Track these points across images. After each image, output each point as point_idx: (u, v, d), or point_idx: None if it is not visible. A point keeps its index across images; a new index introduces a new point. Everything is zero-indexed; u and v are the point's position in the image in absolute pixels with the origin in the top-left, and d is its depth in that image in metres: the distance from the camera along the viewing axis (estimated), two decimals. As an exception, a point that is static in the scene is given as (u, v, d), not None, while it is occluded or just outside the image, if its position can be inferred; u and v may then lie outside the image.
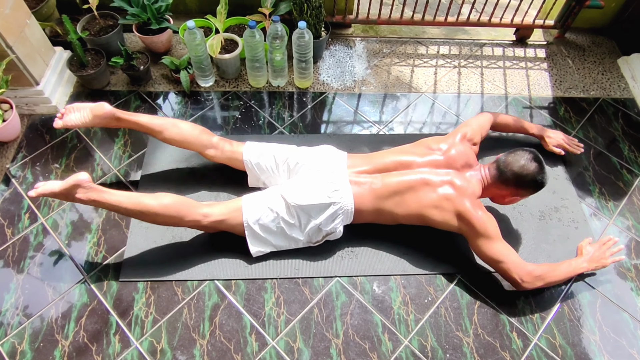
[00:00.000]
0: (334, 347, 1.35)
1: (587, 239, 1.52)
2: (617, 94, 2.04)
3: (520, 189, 1.40)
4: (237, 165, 1.56)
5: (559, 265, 1.43)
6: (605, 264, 1.45)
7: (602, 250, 1.48)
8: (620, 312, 1.45)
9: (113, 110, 1.50)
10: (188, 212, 1.36)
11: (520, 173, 1.36)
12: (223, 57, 1.85)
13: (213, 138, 1.54)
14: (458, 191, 1.38)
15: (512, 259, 1.35)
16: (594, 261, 1.45)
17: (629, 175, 1.77)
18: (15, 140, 1.75)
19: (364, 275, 1.48)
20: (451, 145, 1.48)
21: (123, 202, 1.31)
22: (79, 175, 1.29)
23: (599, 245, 1.49)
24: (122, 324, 1.36)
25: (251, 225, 1.40)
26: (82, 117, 1.50)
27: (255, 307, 1.41)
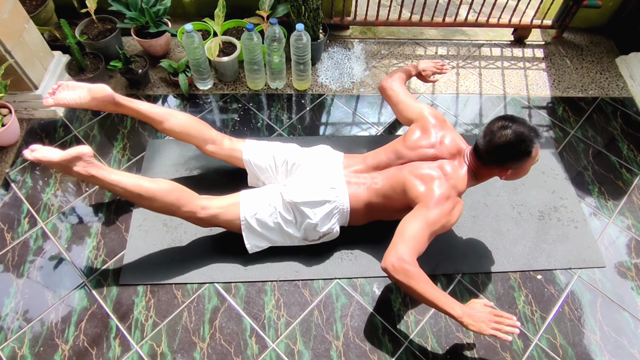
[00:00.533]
0: (334, 349, 1.35)
1: (483, 300, 1.24)
2: (615, 93, 2.04)
3: (504, 163, 1.27)
4: (235, 163, 1.55)
5: (435, 288, 1.22)
6: (484, 330, 1.16)
7: (490, 318, 1.19)
8: (620, 312, 1.45)
9: (113, 94, 1.40)
10: (187, 201, 1.34)
11: (493, 148, 1.23)
12: (221, 60, 1.85)
13: (212, 132, 1.52)
14: (445, 175, 1.33)
15: (411, 241, 1.22)
16: (471, 317, 1.18)
17: (628, 174, 1.77)
18: (15, 145, 1.75)
19: (363, 277, 1.48)
20: (441, 137, 1.41)
21: (123, 181, 1.26)
22: (82, 148, 1.23)
23: (492, 311, 1.21)
24: (122, 328, 1.36)
25: (248, 219, 1.39)
26: (77, 96, 1.39)
27: (255, 310, 1.41)
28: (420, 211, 1.28)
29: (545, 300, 1.46)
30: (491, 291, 1.47)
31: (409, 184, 1.34)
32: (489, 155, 1.28)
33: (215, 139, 1.51)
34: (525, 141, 1.21)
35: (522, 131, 1.22)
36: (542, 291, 1.48)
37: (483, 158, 1.30)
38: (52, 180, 1.66)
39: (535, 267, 1.52)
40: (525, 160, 1.26)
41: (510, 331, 1.18)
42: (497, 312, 1.22)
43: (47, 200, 1.61)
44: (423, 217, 1.26)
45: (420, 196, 1.31)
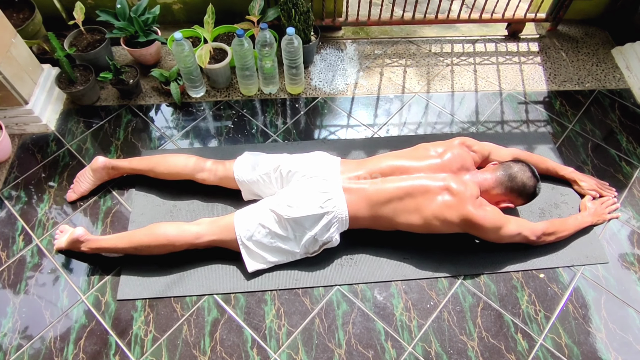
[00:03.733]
0: (337, 358, 1.33)
1: (587, 197, 1.62)
2: (612, 85, 2.02)
3: (521, 198, 1.46)
4: (229, 184, 1.55)
5: (567, 220, 1.53)
6: (605, 218, 1.58)
7: (602, 207, 1.59)
8: (625, 308, 1.43)
9: (107, 160, 1.60)
10: (179, 237, 1.39)
11: (526, 183, 1.43)
12: (213, 67, 1.83)
13: (206, 163, 1.55)
14: (457, 197, 1.36)
15: (524, 227, 1.44)
16: (596, 215, 1.57)
17: (628, 167, 1.75)
18: (7, 161, 1.73)
19: (364, 283, 1.46)
20: (448, 149, 1.47)
21: (117, 244, 1.43)
22: (74, 232, 1.43)
23: (599, 202, 1.61)
24: (122, 344, 1.34)
25: (245, 242, 1.39)
26: (87, 179, 1.61)
27: (256, 321, 1.39)
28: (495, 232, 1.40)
29: (548, 299, 1.44)
30: (494, 292, 1.45)
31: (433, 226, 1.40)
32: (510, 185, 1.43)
33: (209, 169, 1.55)
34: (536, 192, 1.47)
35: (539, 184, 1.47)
36: (546, 290, 1.46)
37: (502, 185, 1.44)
38: (46, 196, 1.64)
39: (538, 265, 1.50)
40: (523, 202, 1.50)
41: (614, 208, 1.62)
42: (602, 201, 1.61)
43: (41, 216, 1.59)
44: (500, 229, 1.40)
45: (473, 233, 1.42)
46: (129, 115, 1.88)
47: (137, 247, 1.40)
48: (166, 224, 1.43)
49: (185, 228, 1.41)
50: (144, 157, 1.62)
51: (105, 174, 1.61)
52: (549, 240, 1.50)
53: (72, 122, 1.84)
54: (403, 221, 1.41)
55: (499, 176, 1.43)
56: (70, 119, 1.86)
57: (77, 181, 1.63)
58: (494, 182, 1.43)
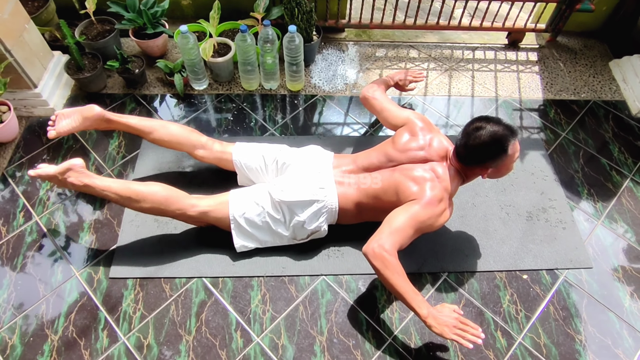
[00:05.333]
0: (318, 344, 1.36)
1: (453, 307, 1.26)
2: (608, 97, 2.05)
3: (484, 163, 1.30)
4: (226, 166, 1.59)
5: (410, 284, 1.23)
6: (445, 334, 1.19)
7: (455, 324, 1.21)
8: (606, 312, 1.45)
9: (102, 112, 1.53)
10: (175, 200, 1.40)
11: (472, 150, 1.27)
12: (216, 60, 1.89)
13: (202, 138, 1.57)
14: (437, 177, 1.36)
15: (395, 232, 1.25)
16: (435, 319, 1.21)
17: (618, 176, 1.78)
18: (14, 141, 1.80)
19: (349, 274, 1.50)
20: (429, 140, 1.44)
21: (112, 186, 1.37)
22: (73, 160, 1.37)
23: (458, 318, 1.23)
24: (111, 320, 1.39)
25: (237, 218, 1.42)
26: (72, 121, 1.53)
27: (242, 305, 1.43)
28: (411, 206, 1.30)
29: (530, 300, 1.46)
30: (476, 290, 1.48)
31: (402, 186, 1.36)
32: (467, 157, 1.32)
33: (206, 144, 1.56)
34: (501, 140, 1.25)
35: (496, 130, 1.25)
36: (528, 291, 1.48)
37: (464, 159, 1.34)
38: (48, 176, 1.70)
39: (522, 267, 1.53)
40: (503, 159, 1.28)
41: (473, 340, 1.20)
42: (464, 320, 1.23)
43: (42, 195, 1.65)
44: (413, 213, 1.29)
45: (412, 194, 1.33)
46: (133, 103, 1.94)
47: (132, 197, 1.36)
48: (167, 186, 1.42)
49: (183, 194, 1.42)
50: (144, 118, 1.59)
51: (95, 124, 1.55)
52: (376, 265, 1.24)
53: (78, 108, 1.91)
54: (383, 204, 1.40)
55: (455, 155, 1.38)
56: (76, 104, 1.92)
57: (60, 117, 1.53)
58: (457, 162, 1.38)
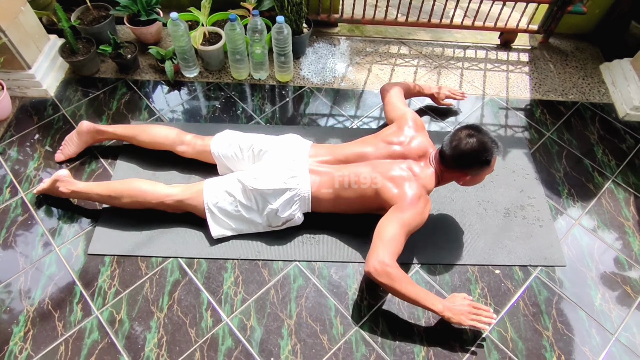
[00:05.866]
0: (286, 327, 1.38)
1: (463, 295, 1.35)
2: (596, 99, 2.05)
3: (466, 168, 1.35)
4: (207, 158, 1.63)
5: (416, 286, 1.30)
6: (463, 322, 1.28)
7: (469, 310, 1.30)
8: (576, 310, 1.45)
9: (91, 125, 1.68)
10: (151, 192, 1.47)
11: (459, 153, 1.32)
12: (206, 48, 1.92)
13: (186, 136, 1.63)
14: (414, 175, 1.40)
15: (389, 244, 1.28)
16: (451, 310, 1.29)
17: (600, 177, 1.77)
18: (6, 120, 1.84)
19: (322, 261, 1.52)
20: (410, 138, 1.49)
21: (94, 188, 1.52)
22: (59, 172, 1.54)
23: (471, 304, 1.32)
24: (86, 294, 1.42)
25: (211, 207, 1.46)
26: (74, 142, 1.71)
27: (214, 285, 1.45)
28: (395, 214, 1.34)
29: (501, 295, 1.47)
30: (447, 282, 1.49)
31: (382, 187, 1.39)
32: (453, 160, 1.36)
33: (189, 142, 1.62)
34: (488, 151, 1.32)
35: (486, 141, 1.32)
36: (499, 285, 1.49)
37: (447, 162, 1.38)
38: (36, 155, 1.74)
39: (495, 262, 1.54)
40: (484, 168, 1.36)
41: (487, 322, 1.31)
42: (475, 305, 1.33)
43: (29, 172, 1.69)
44: (399, 219, 1.32)
45: (394, 198, 1.37)
46: (124, 88, 1.98)
47: (112, 195, 1.48)
48: (142, 180, 1.51)
49: (158, 186, 1.49)
50: (129, 125, 1.71)
51: (90, 137, 1.70)
52: (383, 282, 1.26)
53: (70, 90, 1.96)
54: (361, 205, 1.45)
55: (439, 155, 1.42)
56: (69, 87, 1.97)
57: (65, 144, 1.73)
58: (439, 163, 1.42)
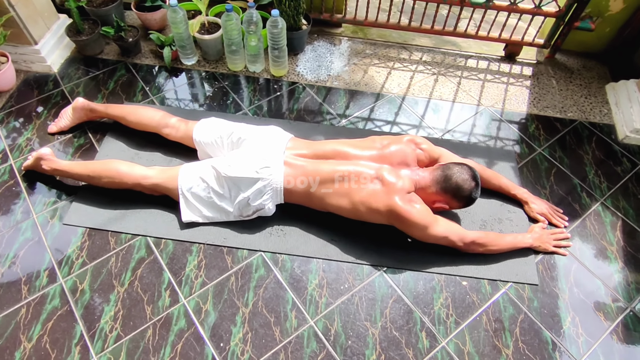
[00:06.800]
0: (240, 315, 1.39)
1: (540, 224, 1.59)
2: (596, 119, 1.97)
3: (455, 199, 1.44)
4: (189, 143, 1.66)
5: (504, 235, 1.53)
6: (548, 248, 1.54)
7: (549, 236, 1.56)
8: (541, 332, 1.39)
9: (86, 102, 1.76)
10: (128, 173, 1.51)
11: (461, 185, 1.41)
12: (203, 37, 1.96)
13: (171, 119, 1.67)
14: (386, 187, 1.39)
15: (450, 232, 1.44)
16: (539, 240, 1.54)
17: (588, 198, 1.71)
18: (9, 91, 1.93)
19: (287, 254, 1.51)
20: (392, 142, 1.50)
21: (74, 168, 1.57)
22: (42, 150, 1.59)
23: (549, 231, 1.58)
24: (54, 262, 1.47)
25: (185, 192, 1.49)
26: (68, 117, 1.78)
27: (177, 267, 1.47)
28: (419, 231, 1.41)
29: (464, 307, 1.43)
30: (411, 288, 1.46)
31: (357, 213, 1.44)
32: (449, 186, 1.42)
33: (173, 125, 1.66)
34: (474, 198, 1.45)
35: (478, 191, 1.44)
36: (464, 297, 1.45)
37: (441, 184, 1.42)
38: (31, 126, 1.82)
39: (463, 273, 1.50)
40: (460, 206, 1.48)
41: (565, 245, 1.56)
42: (552, 231, 1.58)
43: (22, 142, 1.76)
44: (426, 228, 1.40)
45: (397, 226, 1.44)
46: (123, 70, 2.04)
47: (90, 174, 1.53)
48: (121, 161, 1.56)
49: (136, 168, 1.52)
50: (120, 105, 1.76)
51: (84, 114, 1.76)
52: (479, 251, 1.49)
53: (72, 68, 2.03)
54: (334, 203, 1.45)
55: (436, 175, 1.45)
56: (72, 65, 2.05)
57: (60, 117, 1.80)
58: (430, 180, 1.45)
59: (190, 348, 1.33)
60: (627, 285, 1.50)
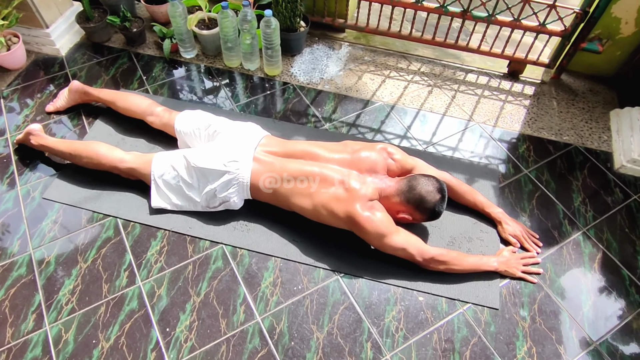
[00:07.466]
0: (191, 303, 1.41)
1: (510, 247, 1.53)
2: (593, 145, 1.88)
3: (418, 211, 1.42)
4: (171, 132, 1.71)
5: (467, 256, 1.48)
6: (515, 273, 1.47)
7: (518, 261, 1.49)
8: (493, 358, 1.34)
9: (81, 85, 1.84)
10: (106, 155, 1.58)
11: (425, 197, 1.39)
12: (202, 33, 2.02)
13: (157, 108, 1.72)
14: (349, 193, 1.39)
15: (410, 245, 1.40)
16: (505, 265, 1.47)
17: (570, 226, 1.63)
18: (18, 70, 2.06)
19: (247, 249, 1.53)
20: (364, 149, 1.49)
21: (59, 145, 1.65)
22: (32, 125, 1.69)
23: (517, 255, 1.51)
24: (28, 232, 1.54)
25: (156, 179, 1.53)
26: (64, 98, 1.88)
27: (139, 250, 1.52)
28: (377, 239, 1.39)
29: (416, 322, 1.40)
30: (364, 297, 1.44)
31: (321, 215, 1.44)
32: (412, 197, 1.40)
33: (157, 113, 1.71)
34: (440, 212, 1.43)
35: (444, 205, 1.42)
36: (418, 312, 1.41)
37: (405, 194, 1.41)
38: (32, 104, 1.92)
39: (422, 288, 1.46)
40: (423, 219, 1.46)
41: (535, 271, 1.49)
42: (522, 255, 1.51)
43: (21, 118, 1.87)
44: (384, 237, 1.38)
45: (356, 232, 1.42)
46: (125, 58, 2.13)
47: (72, 153, 1.61)
48: (102, 143, 1.62)
49: (115, 151, 1.59)
50: (112, 91, 1.84)
51: (78, 96, 1.85)
52: (439, 269, 1.45)
53: (79, 53, 2.14)
54: (297, 202, 1.46)
55: (401, 184, 1.42)
56: (80, 50, 2.16)
57: (57, 97, 1.89)
58: (394, 190, 1.43)
59: (137, 329, 1.36)
60: (595, 320, 1.42)
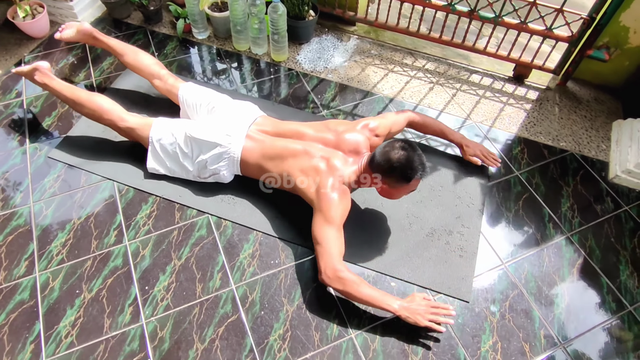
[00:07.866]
0: (171, 266, 1.48)
1: (422, 295, 1.38)
2: (591, 153, 1.86)
3: (389, 174, 1.34)
4: (174, 99, 1.77)
5: (371, 287, 1.33)
6: (419, 322, 1.30)
7: (427, 310, 1.32)
8: (457, 348, 1.35)
9: (92, 29, 1.85)
10: (108, 111, 1.63)
11: (385, 159, 1.33)
12: (213, 14, 2.09)
13: (162, 70, 1.78)
14: (329, 168, 1.43)
15: (330, 248, 1.34)
16: (408, 311, 1.31)
17: (554, 230, 1.62)
18: (42, 39, 2.18)
19: (231, 221, 1.58)
20: (348, 130, 1.53)
21: (63, 89, 1.66)
22: (41, 62, 1.70)
23: (429, 303, 1.34)
24: (30, 187, 1.65)
25: (154, 142, 1.60)
26: (72, 32, 1.88)
27: (130, 212, 1.60)
28: (318, 215, 1.39)
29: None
30: (337, 277, 1.47)
31: (296, 178, 1.46)
32: (378, 164, 1.36)
33: (162, 76, 1.76)
34: (413, 169, 1.32)
35: (414, 160, 1.32)
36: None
37: (373, 164, 1.38)
38: (49, 70, 2.04)
39: (395, 274, 1.49)
40: (402, 184, 1.36)
41: (445, 321, 1.34)
42: (434, 304, 1.35)
43: (38, 82, 1.99)
44: (324, 219, 1.37)
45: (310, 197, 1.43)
46: (141, 35, 2.23)
47: (75, 101, 1.63)
48: (107, 98, 1.66)
49: (117, 109, 1.64)
50: (123, 42, 1.86)
51: (85, 39, 1.87)
52: (337, 288, 1.33)
53: (99, 27, 2.25)
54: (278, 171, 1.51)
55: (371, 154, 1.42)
56: (100, 24, 2.27)
57: (67, 27, 1.89)
58: (367, 160, 1.43)
59: (118, 284, 1.44)
60: (566, 323, 1.41)
